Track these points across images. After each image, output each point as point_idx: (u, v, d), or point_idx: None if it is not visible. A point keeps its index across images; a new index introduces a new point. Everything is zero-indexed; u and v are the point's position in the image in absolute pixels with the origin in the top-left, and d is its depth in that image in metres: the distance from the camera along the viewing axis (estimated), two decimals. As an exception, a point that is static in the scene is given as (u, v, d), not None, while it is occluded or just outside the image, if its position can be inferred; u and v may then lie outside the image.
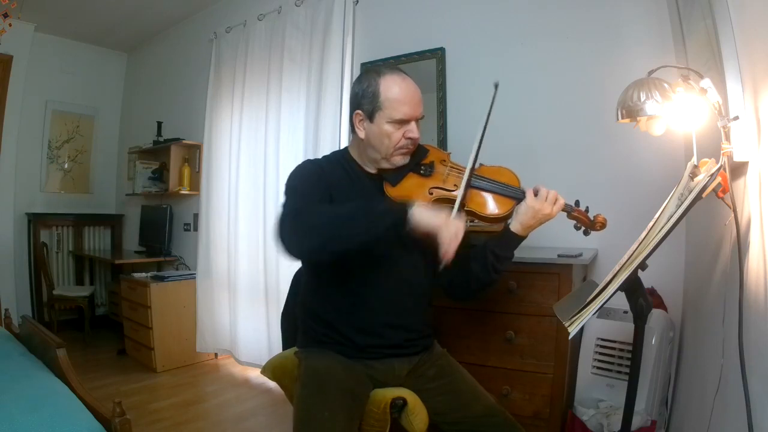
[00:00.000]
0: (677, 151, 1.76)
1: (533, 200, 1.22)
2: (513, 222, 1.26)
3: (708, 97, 1.03)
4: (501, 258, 1.27)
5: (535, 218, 1.23)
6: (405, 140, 1.26)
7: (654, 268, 1.03)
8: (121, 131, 4.65)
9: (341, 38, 2.70)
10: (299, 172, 1.31)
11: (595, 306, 0.94)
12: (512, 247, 1.28)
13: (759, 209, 0.96)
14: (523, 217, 1.23)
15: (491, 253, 1.27)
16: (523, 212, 1.23)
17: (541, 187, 1.24)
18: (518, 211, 1.24)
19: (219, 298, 3.25)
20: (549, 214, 1.22)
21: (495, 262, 1.27)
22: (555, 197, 1.23)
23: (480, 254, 1.29)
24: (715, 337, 1.16)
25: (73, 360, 1.64)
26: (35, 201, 4.09)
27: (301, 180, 1.28)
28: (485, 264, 1.27)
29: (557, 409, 1.65)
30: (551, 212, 1.22)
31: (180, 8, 3.70)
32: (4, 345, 1.81)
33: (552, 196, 1.23)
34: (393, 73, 1.27)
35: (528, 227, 1.25)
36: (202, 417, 2.47)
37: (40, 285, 3.91)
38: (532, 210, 1.21)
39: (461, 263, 1.32)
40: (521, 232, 1.25)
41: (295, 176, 1.30)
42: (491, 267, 1.27)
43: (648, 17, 1.91)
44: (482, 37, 2.35)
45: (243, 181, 3.15)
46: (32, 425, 1.19)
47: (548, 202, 1.22)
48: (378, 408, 1.23)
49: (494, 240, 1.29)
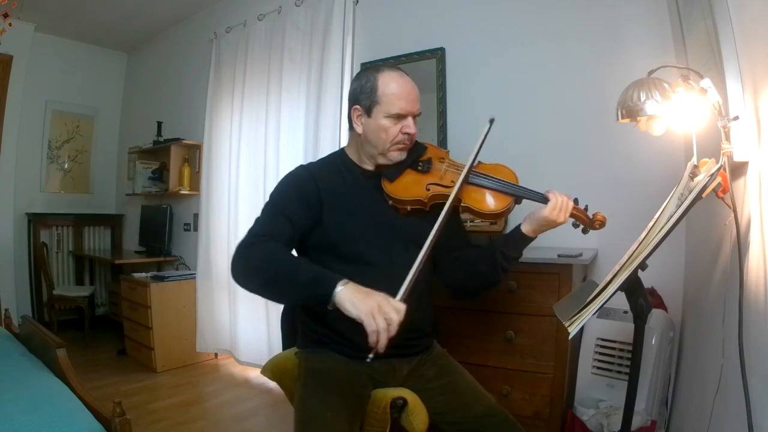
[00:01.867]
0: (677, 151, 1.76)
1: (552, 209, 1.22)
2: (525, 224, 1.26)
3: (708, 97, 1.03)
4: (509, 258, 1.28)
5: (550, 226, 1.25)
6: (402, 135, 1.26)
7: (654, 268, 1.03)
8: (121, 131, 4.65)
9: (341, 38, 2.70)
10: (284, 183, 1.31)
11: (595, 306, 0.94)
12: (521, 247, 1.29)
13: (759, 209, 0.96)
14: (538, 226, 1.25)
15: (500, 254, 1.27)
16: (540, 217, 1.23)
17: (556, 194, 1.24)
18: (535, 218, 1.25)
19: (219, 298, 3.25)
20: (562, 222, 1.24)
21: (504, 262, 1.28)
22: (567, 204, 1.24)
23: (488, 254, 1.29)
24: (715, 337, 1.16)
25: (73, 360, 1.64)
26: (35, 201, 4.09)
27: (282, 194, 1.28)
28: (494, 264, 1.28)
29: (557, 409, 1.65)
30: (564, 220, 1.24)
31: (180, 8, 3.70)
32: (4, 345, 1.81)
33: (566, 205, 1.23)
34: (391, 70, 1.29)
35: (540, 231, 1.27)
36: (202, 417, 2.47)
37: (40, 285, 3.91)
38: (548, 218, 1.22)
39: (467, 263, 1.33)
40: (531, 233, 1.26)
41: (279, 187, 1.31)
42: (500, 267, 1.28)
43: (648, 17, 1.91)
44: (482, 37, 2.35)
45: (243, 181, 3.15)
46: (32, 425, 1.19)
47: (564, 210, 1.23)
48: (378, 408, 1.23)
49: (503, 240, 1.30)
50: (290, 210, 1.24)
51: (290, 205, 1.25)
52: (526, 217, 1.27)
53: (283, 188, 1.30)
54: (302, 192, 1.27)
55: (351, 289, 1.02)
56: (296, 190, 1.28)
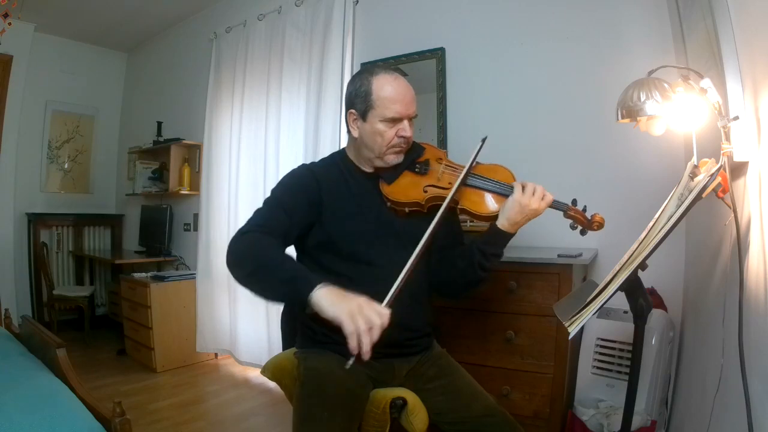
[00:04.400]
0: (677, 151, 1.76)
1: (520, 195, 1.20)
2: (500, 218, 1.23)
3: (708, 97, 1.03)
4: (488, 255, 1.25)
5: (522, 214, 1.20)
6: (398, 139, 1.26)
7: (654, 268, 1.03)
8: (121, 131, 4.65)
9: (341, 38, 2.70)
10: (287, 179, 1.32)
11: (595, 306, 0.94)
12: (500, 244, 1.26)
13: (759, 209, 0.96)
14: (510, 213, 1.21)
15: (478, 251, 1.25)
16: (509, 207, 1.21)
17: (527, 182, 1.23)
18: (505, 207, 1.22)
19: (219, 298, 3.25)
20: (536, 209, 1.20)
21: (482, 260, 1.25)
22: (543, 193, 1.21)
23: (467, 252, 1.28)
24: (715, 337, 1.16)
25: (73, 360, 1.64)
26: (35, 201, 4.09)
27: (283, 189, 1.29)
28: (471, 262, 1.26)
29: (557, 409, 1.65)
30: (538, 207, 1.20)
31: (180, 8, 3.70)
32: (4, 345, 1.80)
33: (540, 192, 1.21)
34: (385, 73, 1.28)
35: (515, 223, 1.22)
36: (202, 417, 2.47)
37: (40, 285, 3.91)
38: (519, 205, 1.19)
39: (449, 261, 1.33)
40: (508, 228, 1.23)
41: (281, 182, 1.31)
42: (478, 264, 1.26)
43: (648, 17, 1.91)
44: (482, 37, 2.35)
45: (243, 181, 3.15)
46: (32, 425, 1.18)
47: (536, 197, 1.20)
48: (378, 408, 1.23)
49: (481, 237, 1.28)
50: (289, 205, 1.24)
51: (290, 200, 1.25)
52: (500, 211, 1.24)
53: (286, 184, 1.31)
54: (303, 189, 1.27)
55: (330, 291, 1.00)
56: (298, 187, 1.28)
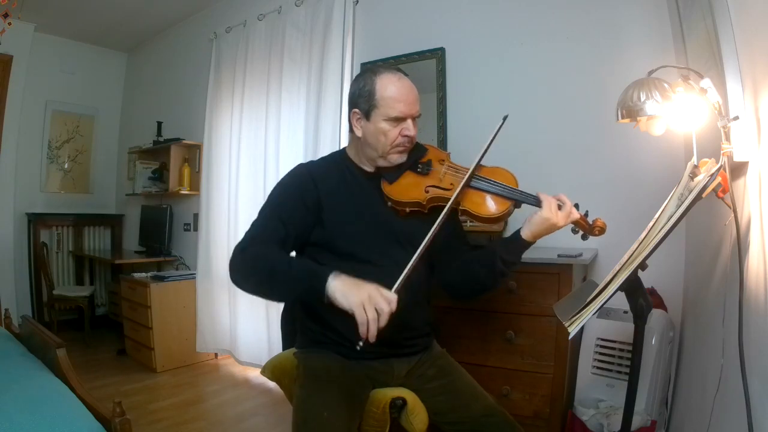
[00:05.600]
0: (677, 151, 1.76)
1: (553, 213, 1.20)
2: (524, 229, 1.24)
3: (708, 97, 1.03)
4: (508, 263, 1.26)
5: (549, 230, 1.22)
6: (401, 138, 1.26)
7: (654, 268, 1.03)
8: (121, 131, 4.65)
9: (341, 38, 2.70)
10: (283, 185, 1.32)
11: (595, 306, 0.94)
12: (521, 252, 1.27)
13: (759, 209, 0.96)
14: (537, 228, 1.22)
15: (500, 260, 1.25)
16: (538, 223, 1.21)
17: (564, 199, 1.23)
18: (533, 221, 1.22)
19: (219, 298, 3.25)
20: (561, 226, 1.22)
21: (503, 267, 1.26)
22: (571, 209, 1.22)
23: (487, 259, 1.27)
24: (715, 337, 1.16)
25: (73, 360, 1.64)
26: (35, 201, 4.09)
27: (279, 196, 1.29)
28: (492, 269, 1.26)
29: (557, 409, 1.65)
30: (564, 224, 1.22)
31: (180, 8, 3.70)
32: (4, 345, 1.80)
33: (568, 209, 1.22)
34: (389, 72, 1.28)
35: (538, 235, 1.24)
36: (202, 417, 2.47)
37: (40, 285, 3.91)
38: (548, 222, 1.20)
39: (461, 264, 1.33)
40: (530, 238, 1.24)
41: (277, 188, 1.31)
42: (498, 272, 1.26)
43: (648, 17, 1.91)
44: (482, 37, 2.35)
45: (243, 181, 3.15)
46: (32, 425, 1.18)
47: (563, 214, 1.21)
48: (377, 408, 1.23)
49: (503, 246, 1.28)
50: (286, 213, 1.24)
51: (286, 207, 1.26)
52: (525, 222, 1.25)
53: (281, 190, 1.31)
54: (300, 194, 1.27)
55: (342, 281, 1.07)
56: (294, 192, 1.28)
